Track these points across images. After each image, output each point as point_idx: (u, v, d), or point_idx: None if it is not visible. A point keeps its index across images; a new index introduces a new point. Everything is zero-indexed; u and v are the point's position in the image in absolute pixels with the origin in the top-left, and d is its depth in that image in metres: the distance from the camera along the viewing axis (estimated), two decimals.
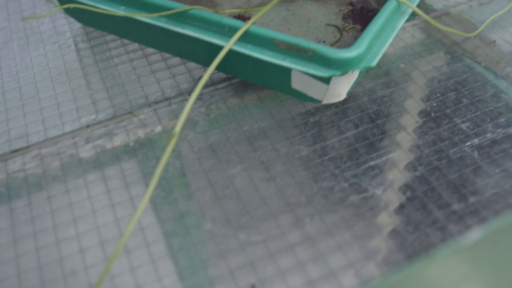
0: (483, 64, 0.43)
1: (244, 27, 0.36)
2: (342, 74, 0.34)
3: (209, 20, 0.38)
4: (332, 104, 0.40)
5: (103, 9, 0.41)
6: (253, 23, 0.36)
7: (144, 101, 0.42)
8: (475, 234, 0.32)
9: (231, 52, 0.37)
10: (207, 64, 0.42)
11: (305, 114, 0.40)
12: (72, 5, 0.42)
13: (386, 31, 0.37)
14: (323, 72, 0.34)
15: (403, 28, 0.47)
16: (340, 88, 0.37)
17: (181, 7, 0.39)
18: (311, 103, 0.40)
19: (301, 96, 0.39)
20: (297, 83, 0.38)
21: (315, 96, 0.38)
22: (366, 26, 0.47)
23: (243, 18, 0.48)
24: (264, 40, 0.36)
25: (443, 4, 0.51)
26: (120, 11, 0.41)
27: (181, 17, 0.39)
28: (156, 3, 0.39)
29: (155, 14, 0.39)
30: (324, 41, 0.45)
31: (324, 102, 0.38)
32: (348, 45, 0.45)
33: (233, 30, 0.37)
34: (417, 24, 0.48)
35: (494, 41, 0.46)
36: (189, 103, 0.30)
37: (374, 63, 0.35)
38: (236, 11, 0.41)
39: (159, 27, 0.39)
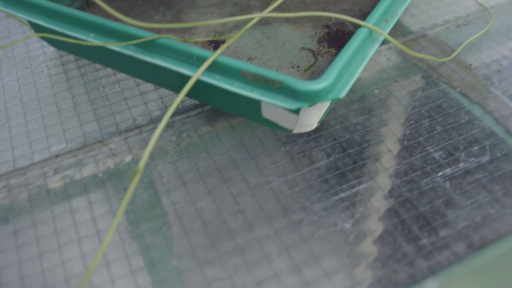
0: (458, 89, 0.43)
1: (212, 57, 0.36)
2: (311, 106, 0.33)
3: (178, 49, 0.37)
4: (304, 133, 0.40)
5: (73, 37, 0.40)
6: (222, 52, 0.36)
7: (115, 129, 0.42)
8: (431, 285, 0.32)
9: (200, 81, 0.36)
10: (178, 91, 0.42)
11: (276, 143, 0.39)
12: (44, 35, 0.42)
13: (357, 60, 0.37)
14: (290, 104, 0.34)
15: (378, 51, 0.47)
16: (311, 118, 0.37)
17: (150, 35, 0.38)
18: (283, 132, 0.40)
19: (272, 125, 0.39)
20: (267, 112, 0.37)
21: (286, 125, 0.38)
22: (341, 50, 0.46)
23: (217, 42, 0.48)
24: (232, 71, 0.36)
25: (420, 26, 0.50)
26: (90, 38, 0.40)
27: (150, 46, 0.38)
28: (125, 31, 0.39)
29: (123, 43, 0.38)
30: (298, 66, 0.44)
31: (295, 131, 0.38)
32: (322, 69, 0.44)
33: (201, 60, 0.37)
34: (393, 47, 0.48)
35: (470, 65, 0.45)
36: (155, 135, 0.30)
37: (342, 94, 0.34)
38: (205, 39, 0.41)
39: (129, 55, 0.38)
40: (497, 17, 0.51)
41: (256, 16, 0.36)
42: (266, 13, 0.37)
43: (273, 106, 0.36)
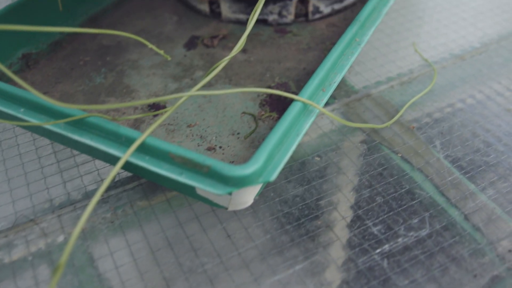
0: (400, 154, 0.42)
1: (140, 139, 0.35)
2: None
3: (106, 129, 0.36)
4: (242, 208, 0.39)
5: (2, 111, 0.39)
6: (153, 131, 0.34)
7: (49, 206, 0.40)
8: None
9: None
10: (115, 163, 0.40)
11: (213, 219, 0.38)
12: None
13: (290, 137, 0.36)
14: (219, 190, 0.33)
15: (321, 113, 0.46)
16: (245, 197, 0.36)
17: (79, 114, 0.37)
18: (219, 208, 0.39)
19: (208, 202, 0.37)
20: (202, 190, 0.36)
21: (221, 203, 0.37)
22: (283, 114, 0.45)
23: (158, 106, 0.46)
24: (160, 153, 0.34)
25: (364, 84, 0.50)
26: (19, 113, 0.39)
27: (79, 124, 0.37)
28: (53, 109, 0.38)
29: (50, 123, 0.37)
30: (238, 133, 0.43)
31: (230, 209, 0.36)
32: (263, 136, 0.43)
33: (130, 141, 0.36)
34: (337, 108, 0.47)
35: (413, 127, 0.45)
36: (84, 216, 0.28)
37: (273, 177, 0.33)
38: (134, 117, 0.40)
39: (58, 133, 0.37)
40: (441, 73, 0.51)
41: (184, 95, 0.35)
42: (194, 91, 0.36)
43: None
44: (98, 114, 0.36)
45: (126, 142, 0.36)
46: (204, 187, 0.33)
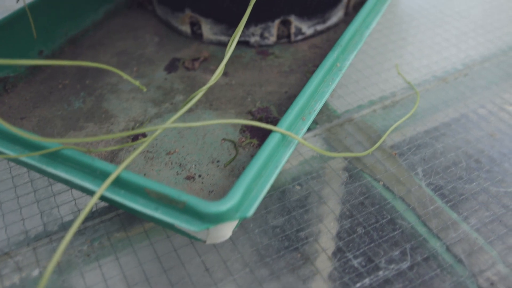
0: (381, 182, 0.42)
1: (114, 173, 0.34)
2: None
3: (81, 162, 0.35)
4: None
5: None
6: (126, 166, 0.34)
7: (24, 238, 0.39)
8: None
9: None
10: (92, 194, 0.40)
11: (191, 252, 0.38)
12: None
13: (268, 170, 0.35)
14: (195, 226, 0.32)
15: (303, 139, 0.45)
16: (222, 231, 0.35)
17: (53, 146, 0.36)
18: (197, 241, 0.38)
19: (186, 235, 0.37)
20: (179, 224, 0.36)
21: (199, 236, 0.36)
22: (263, 141, 0.45)
23: (136, 135, 0.46)
24: (136, 188, 0.34)
25: (347, 108, 0.49)
26: None
27: (54, 156, 0.36)
28: (27, 141, 0.37)
29: (24, 155, 0.36)
30: (218, 161, 0.43)
31: (208, 243, 0.36)
32: (243, 164, 0.43)
33: (105, 174, 0.35)
34: (319, 134, 0.46)
35: (395, 154, 0.44)
36: (59, 250, 0.27)
37: (250, 213, 0.32)
38: (110, 148, 0.39)
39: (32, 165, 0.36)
40: (424, 96, 0.51)
41: (159, 128, 0.35)
42: (169, 123, 0.35)
43: None
44: (73, 146, 0.35)
45: (101, 175, 0.35)
46: (180, 224, 0.32)
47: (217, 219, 0.32)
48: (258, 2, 0.50)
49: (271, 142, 0.36)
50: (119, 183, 0.35)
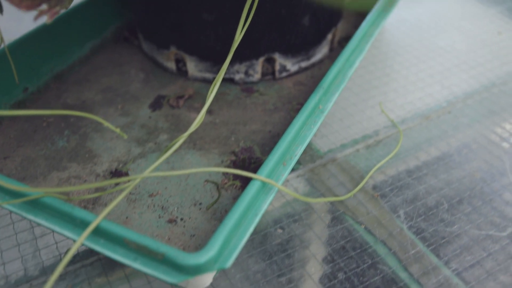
0: (363, 225, 0.42)
1: (94, 223, 0.34)
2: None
3: (60, 211, 0.35)
4: None
5: None
6: (105, 216, 0.34)
7: (4, 283, 0.39)
8: None
9: None
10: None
11: None
12: None
13: (247, 219, 0.35)
14: (173, 278, 0.32)
15: (286, 180, 0.46)
16: (202, 279, 0.35)
17: (34, 194, 0.36)
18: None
19: (166, 281, 0.36)
20: None
21: (179, 283, 0.36)
22: (247, 182, 0.45)
23: (120, 174, 0.46)
24: (115, 238, 0.34)
25: (330, 148, 0.50)
26: None
27: (34, 204, 0.36)
28: (5, 188, 0.37)
29: (5, 203, 0.36)
30: (200, 203, 0.43)
31: None
32: (225, 207, 0.43)
33: (84, 223, 0.35)
34: (302, 175, 0.47)
35: (377, 195, 0.44)
36: None
37: (229, 263, 0.32)
38: (89, 196, 0.39)
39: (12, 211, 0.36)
40: (407, 134, 0.51)
41: (138, 177, 0.35)
42: (147, 173, 0.35)
43: None
44: (54, 194, 0.35)
45: (81, 224, 0.35)
46: (158, 276, 0.32)
47: (196, 270, 0.32)
48: (243, 41, 0.51)
49: (251, 190, 0.36)
50: (99, 233, 0.35)
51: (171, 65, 0.58)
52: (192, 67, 0.56)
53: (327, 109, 0.45)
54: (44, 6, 0.32)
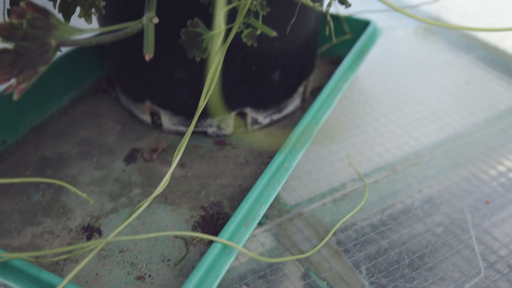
0: (326, 282, 0.43)
1: (61, 285, 0.35)
2: None
3: (29, 274, 0.37)
4: None
5: None
6: (72, 278, 0.35)
7: None
8: None
9: None
10: None
11: None
12: None
13: (208, 281, 0.37)
14: None
15: (253, 235, 0.47)
16: None
17: (3, 256, 0.37)
18: None
19: None
20: None
21: None
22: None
23: (92, 229, 0.47)
24: None
25: (297, 201, 0.51)
26: None
27: (4, 266, 0.38)
28: None
29: None
30: (169, 260, 0.44)
31: None
32: (192, 263, 0.44)
33: (50, 286, 0.36)
34: (269, 229, 0.48)
35: (341, 251, 0.46)
36: None
37: None
38: (58, 258, 0.40)
39: None
40: (373, 188, 0.53)
41: (102, 241, 0.36)
42: (112, 236, 0.36)
43: None
44: (23, 256, 0.37)
45: (48, 287, 0.37)
46: None
47: None
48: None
49: (212, 253, 0.38)
50: None
51: (147, 118, 0.60)
52: (167, 120, 0.58)
53: (292, 167, 0.47)
54: (13, 81, 0.34)
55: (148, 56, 0.35)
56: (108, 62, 0.65)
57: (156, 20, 0.35)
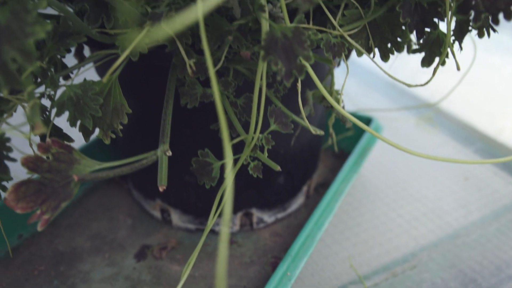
0: None
1: None
2: None
3: None
4: None
5: None
6: None
7: None
8: None
9: None
10: None
11: None
12: None
13: None
14: None
15: None
16: None
17: None
18: None
19: None
20: None
21: None
22: None
23: None
24: None
25: None
26: None
27: None
28: None
29: None
30: None
31: None
32: None
33: None
34: None
35: None
36: None
37: None
38: None
39: None
40: None
41: None
42: None
43: None
44: None
45: None
46: None
47: None
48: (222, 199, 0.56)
49: None
50: None
51: (157, 214, 0.62)
52: (176, 218, 0.61)
53: (295, 275, 0.49)
54: (38, 210, 0.37)
55: (161, 188, 0.38)
56: (121, 156, 0.69)
57: (169, 153, 0.39)
